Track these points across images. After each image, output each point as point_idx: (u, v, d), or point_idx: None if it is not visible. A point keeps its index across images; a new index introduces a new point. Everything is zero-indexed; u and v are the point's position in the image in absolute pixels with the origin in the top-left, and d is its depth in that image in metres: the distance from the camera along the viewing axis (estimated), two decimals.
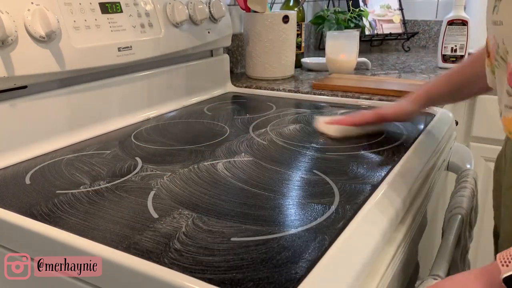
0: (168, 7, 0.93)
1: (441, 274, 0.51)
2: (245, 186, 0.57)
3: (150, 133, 0.81)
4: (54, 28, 0.68)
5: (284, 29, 1.22)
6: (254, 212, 0.50)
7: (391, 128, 0.80)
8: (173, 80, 0.99)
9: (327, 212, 0.50)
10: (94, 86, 0.81)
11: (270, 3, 1.36)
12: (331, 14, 1.64)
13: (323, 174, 0.60)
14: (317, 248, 0.43)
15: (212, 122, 0.87)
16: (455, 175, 0.81)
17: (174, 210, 0.51)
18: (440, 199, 0.86)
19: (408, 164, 0.64)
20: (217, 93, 1.11)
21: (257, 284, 0.38)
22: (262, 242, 0.44)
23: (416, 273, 0.63)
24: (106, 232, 0.46)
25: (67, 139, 0.76)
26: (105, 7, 0.81)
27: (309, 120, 0.87)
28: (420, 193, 0.63)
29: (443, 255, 0.56)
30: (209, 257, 0.42)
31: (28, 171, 0.64)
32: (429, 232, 0.72)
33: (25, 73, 0.68)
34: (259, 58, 1.24)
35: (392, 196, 0.55)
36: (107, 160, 0.67)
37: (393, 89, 1.05)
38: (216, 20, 1.06)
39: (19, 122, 0.70)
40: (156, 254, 0.42)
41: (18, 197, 0.55)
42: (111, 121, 0.84)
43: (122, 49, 0.82)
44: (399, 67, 1.43)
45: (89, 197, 0.55)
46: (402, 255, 0.51)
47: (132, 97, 0.89)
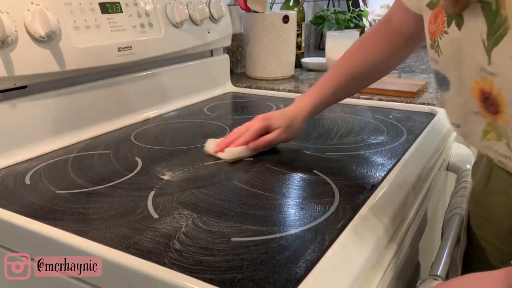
0: (168, 7, 0.93)
1: (441, 274, 0.51)
2: (245, 186, 0.57)
3: (150, 133, 0.81)
4: (54, 28, 0.68)
5: (284, 29, 1.22)
6: (254, 212, 0.50)
7: (391, 128, 0.80)
8: (173, 80, 0.99)
9: (327, 212, 0.50)
10: (94, 86, 0.81)
11: (270, 3, 1.36)
12: (331, 14, 1.63)
13: (323, 174, 0.60)
14: (317, 248, 0.43)
15: (212, 122, 0.87)
16: (455, 175, 0.81)
17: (174, 210, 0.51)
18: (440, 199, 0.86)
19: (408, 164, 0.64)
20: (217, 93, 1.11)
21: (257, 284, 0.38)
22: (262, 242, 0.44)
23: (416, 273, 0.63)
24: (106, 232, 0.46)
25: (67, 139, 0.76)
26: (105, 7, 0.81)
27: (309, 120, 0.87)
28: (420, 193, 0.62)
29: (443, 255, 0.56)
30: (209, 257, 0.42)
31: (28, 171, 0.64)
32: (429, 232, 0.72)
33: (25, 73, 0.68)
34: (259, 58, 1.24)
35: (392, 196, 0.55)
36: (107, 160, 0.67)
37: (393, 89, 1.05)
38: (216, 20, 1.06)
39: (19, 122, 0.69)
40: (156, 254, 0.42)
41: (18, 197, 0.55)
42: (111, 121, 0.84)
43: (122, 49, 0.82)
44: (399, 67, 1.43)
45: (89, 197, 0.55)
46: (402, 255, 0.51)
47: (132, 97, 0.89)
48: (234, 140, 0.67)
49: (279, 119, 0.68)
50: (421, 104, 0.97)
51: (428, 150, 0.71)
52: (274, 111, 0.71)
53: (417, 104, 0.96)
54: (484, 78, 0.45)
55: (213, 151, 0.67)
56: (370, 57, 0.69)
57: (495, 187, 0.58)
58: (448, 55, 0.49)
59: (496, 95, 0.44)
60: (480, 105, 0.47)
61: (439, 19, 0.49)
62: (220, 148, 0.67)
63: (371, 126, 0.82)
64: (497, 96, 0.44)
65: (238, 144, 0.66)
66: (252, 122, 0.68)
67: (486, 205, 0.60)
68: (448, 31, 0.47)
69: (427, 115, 0.88)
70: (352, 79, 0.69)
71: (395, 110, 0.94)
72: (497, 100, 0.44)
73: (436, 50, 0.50)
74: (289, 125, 0.68)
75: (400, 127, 0.81)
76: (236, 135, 0.67)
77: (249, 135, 0.66)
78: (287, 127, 0.68)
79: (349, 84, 0.70)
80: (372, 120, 0.86)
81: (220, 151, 0.66)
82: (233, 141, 0.67)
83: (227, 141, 0.67)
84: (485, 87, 0.45)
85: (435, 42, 0.50)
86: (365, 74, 0.70)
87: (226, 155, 0.65)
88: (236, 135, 0.67)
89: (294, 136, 0.70)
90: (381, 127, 0.82)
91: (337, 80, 0.69)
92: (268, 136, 0.67)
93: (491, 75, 0.43)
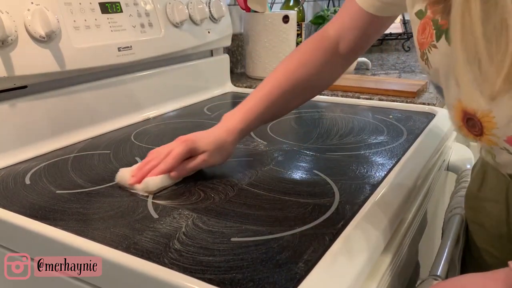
0: (168, 7, 0.93)
1: (441, 274, 0.51)
2: (245, 186, 0.57)
3: (150, 133, 0.81)
4: (54, 28, 0.68)
5: (284, 29, 1.22)
6: (254, 212, 0.50)
7: (391, 128, 0.80)
8: (173, 80, 0.99)
9: (327, 212, 0.50)
10: (94, 86, 0.81)
11: (270, 3, 1.36)
12: (331, 14, 1.64)
13: (323, 174, 0.60)
14: (317, 248, 0.43)
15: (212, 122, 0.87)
16: (455, 175, 0.81)
17: (174, 210, 0.51)
18: (440, 199, 0.86)
19: (408, 164, 0.64)
20: (217, 93, 1.11)
21: (257, 284, 0.38)
22: (262, 242, 0.44)
23: (416, 273, 0.63)
24: (106, 232, 0.46)
25: (67, 139, 0.76)
26: (105, 7, 0.81)
27: (309, 120, 0.87)
28: (420, 193, 0.62)
29: (443, 255, 0.56)
30: (209, 257, 0.42)
31: (28, 171, 0.64)
32: (429, 232, 0.72)
33: (25, 73, 0.68)
34: (259, 58, 1.24)
35: (392, 196, 0.55)
36: (107, 160, 0.67)
37: (393, 89, 1.05)
38: (216, 20, 1.06)
39: (19, 122, 0.69)
40: (156, 254, 0.42)
41: (18, 197, 0.55)
42: (111, 121, 0.84)
43: (122, 49, 0.82)
44: (399, 67, 1.43)
45: (89, 197, 0.55)
46: (402, 255, 0.51)
47: (132, 97, 0.89)
48: (153, 167, 0.57)
49: (205, 142, 0.59)
50: (421, 104, 0.97)
51: (428, 150, 0.71)
52: (199, 132, 0.62)
53: (417, 104, 0.96)
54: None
55: (128, 183, 0.57)
56: (300, 73, 0.63)
57: (486, 193, 0.58)
58: (437, 69, 0.47)
59: (480, 117, 0.42)
60: (462, 125, 0.45)
61: (427, 31, 0.47)
62: (137, 179, 0.56)
63: (371, 126, 0.82)
64: (481, 118, 0.42)
65: (158, 173, 0.56)
66: (173, 145, 0.59)
67: (478, 210, 0.60)
68: (437, 45, 0.46)
69: (427, 115, 0.88)
70: (280, 97, 0.63)
71: (395, 110, 0.94)
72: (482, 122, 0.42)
73: (426, 63, 0.49)
74: (216, 149, 0.60)
75: (400, 127, 0.81)
76: (155, 162, 0.58)
77: (170, 162, 0.57)
78: (214, 151, 0.60)
79: (279, 102, 0.63)
80: (372, 120, 0.86)
81: (137, 183, 0.56)
82: (151, 170, 0.57)
83: (144, 170, 0.57)
84: (467, 108, 0.43)
85: (424, 55, 0.49)
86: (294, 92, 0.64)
87: (145, 187, 0.55)
88: (155, 161, 0.58)
89: (222, 161, 0.61)
90: (381, 127, 0.82)
91: (267, 97, 0.63)
92: (192, 164, 0.59)
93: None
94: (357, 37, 0.62)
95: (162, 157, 0.58)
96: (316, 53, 0.64)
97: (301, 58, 0.65)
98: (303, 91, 0.66)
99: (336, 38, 0.63)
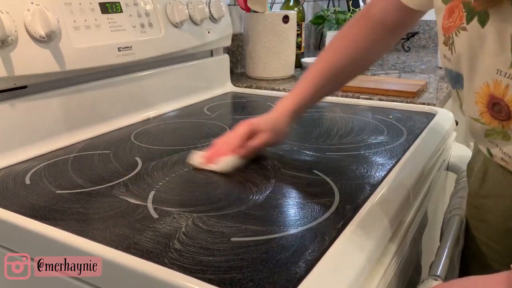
0: (168, 7, 0.93)
1: (440, 274, 0.51)
2: (245, 186, 0.57)
3: (150, 133, 0.81)
4: (54, 28, 0.68)
5: (284, 29, 1.22)
6: (254, 212, 0.50)
7: (391, 128, 0.80)
8: (173, 80, 0.99)
9: (327, 212, 0.50)
10: (94, 86, 0.81)
11: (270, 3, 1.36)
12: (331, 14, 1.64)
13: (323, 174, 0.60)
14: (317, 248, 0.43)
15: (212, 122, 0.87)
16: (455, 175, 0.81)
17: (174, 210, 0.51)
18: (440, 199, 0.86)
19: (408, 164, 0.64)
20: (217, 93, 1.11)
21: (257, 284, 0.38)
22: (262, 242, 0.44)
23: (416, 273, 0.63)
24: (106, 232, 0.46)
25: (67, 139, 0.76)
26: (105, 7, 0.81)
27: (309, 120, 0.87)
28: (420, 193, 0.62)
29: (442, 255, 0.56)
30: (209, 257, 0.42)
31: (28, 171, 0.64)
32: (429, 232, 0.72)
33: (25, 73, 0.68)
34: (259, 58, 1.24)
35: (392, 196, 0.55)
36: (107, 160, 0.67)
37: (393, 89, 1.05)
38: (216, 20, 1.06)
39: (19, 122, 0.70)
40: (156, 254, 0.42)
41: (18, 197, 0.55)
42: (111, 121, 0.84)
43: (122, 49, 0.82)
44: (399, 67, 1.43)
45: (89, 197, 0.55)
46: (402, 255, 0.51)
47: (132, 97, 0.89)
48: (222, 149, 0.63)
49: (263, 122, 0.65)
50: (421, 104, 0.97)
51: (428, 150, 0.71)
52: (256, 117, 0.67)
53: (417, 104, 0.96)
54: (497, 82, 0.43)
55: (202, 163, 0.63)
56: (349, 52, 0.67)
57: (489, 189, 0.58)
58: (462, 53, 0.47)
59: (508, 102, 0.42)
60: (485, 111, 0.46)
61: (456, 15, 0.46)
62: (210, 160, 0.62)
63: (371, 126, 0.82)
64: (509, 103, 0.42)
65: (227, 153, 0.62)
66: (236, 128, 0.64)
67: (480, 207, 0.60)
68: (467, 28, 0.45)
69: (427, 115, 0.88)
70: (333, 76, 0.67)
71: (395, 110, 0.94)
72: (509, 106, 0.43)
73: (450, 48, 0.48)
74: (274, 129, 0.65)
75: (400, 127, 0.81)
76: (222, 145, 0.64)
77: (235, 141, 0.63)
78: (272, 131, 0.65)
79: (330, 82, 0.68)
80: (372, 120, 0.86)
81: (209, 163, 0.62)
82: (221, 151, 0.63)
83: (214, 150, 0.63)
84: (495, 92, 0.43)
85: (450, 39, 0.48)
86: (346, 70, 0.68)
87: (220, 165, 0.61)
88: (222, 144, 0.64)
89: (280, 139, 0.67)
90: (381, 127, 0.82)
91: (318, 78, 0.67)
92: (255, 142, 0.64)
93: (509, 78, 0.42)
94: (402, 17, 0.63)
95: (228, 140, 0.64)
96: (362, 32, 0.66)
97: (346, 39, 0.67)
98: (349, 71, 0.69)
99: (380, 17, 0.64)
